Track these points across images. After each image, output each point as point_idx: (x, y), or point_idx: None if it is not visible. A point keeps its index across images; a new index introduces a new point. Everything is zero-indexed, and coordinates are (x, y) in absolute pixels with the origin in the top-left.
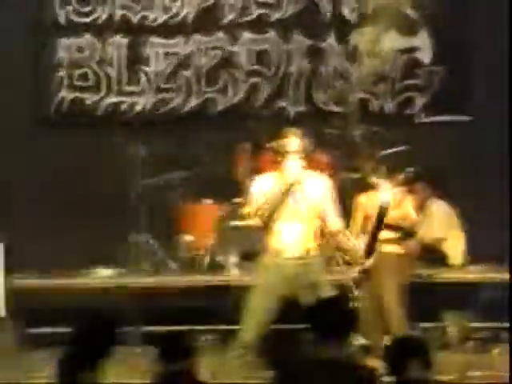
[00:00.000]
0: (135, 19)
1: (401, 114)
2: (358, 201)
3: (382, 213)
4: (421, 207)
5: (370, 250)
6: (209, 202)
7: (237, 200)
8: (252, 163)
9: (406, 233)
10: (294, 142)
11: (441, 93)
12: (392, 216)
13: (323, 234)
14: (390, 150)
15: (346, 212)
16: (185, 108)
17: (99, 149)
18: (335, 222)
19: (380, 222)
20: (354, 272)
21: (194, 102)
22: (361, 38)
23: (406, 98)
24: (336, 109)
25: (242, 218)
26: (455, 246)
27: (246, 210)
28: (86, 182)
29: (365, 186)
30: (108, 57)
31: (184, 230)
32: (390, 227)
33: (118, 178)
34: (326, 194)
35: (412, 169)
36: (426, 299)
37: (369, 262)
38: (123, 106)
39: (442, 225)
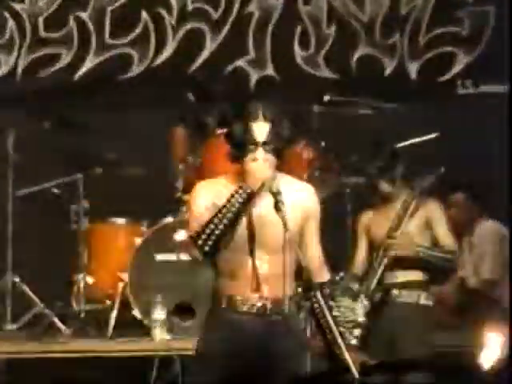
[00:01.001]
0: None
1: (430, 81)
2: (362, 221)
3: None
4: (462, 231)
5: None
6: (121, 221)
7: (168, 219)
8: (192, 159)
9: (437, 271)
10: (260, 126)
11: (493, 49)
12: (413, 242)
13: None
14: (414, 140)
15: (344, 235)
16: (79, 72)
17: None
18: (314, 257)
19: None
20: (355, 335)
21: (93, 62)
22: None
23: (440, 57)
24: (328, 73)
25: (176, 247)
26: None
27: (182, 235)
28: None
29: (371, 197)
30: None
31: (81, 268)
32: (410, 261)
33: None
34: (311, 214)
35: (442, 168)
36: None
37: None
38: None
39: (496, 261)
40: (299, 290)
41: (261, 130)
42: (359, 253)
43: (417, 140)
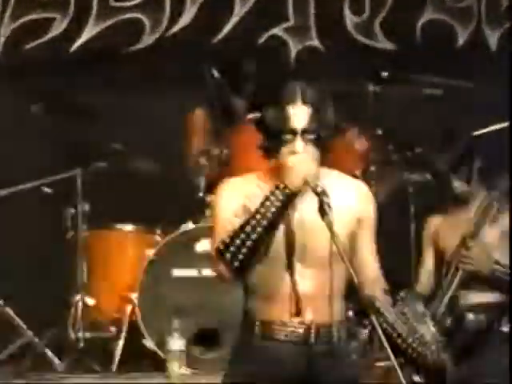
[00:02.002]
0: None
1: (500, 48)
2: (428, 227)
3: None
4: None
5: None
6: (129, 227)
7: (187, 226)
8: (217, 151)
9: None
10: (301, 112)
11: None
12: (490, 256)
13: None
14: (493, 127)
15: (407, 245)
16: (76, 43)
17: None
18: (372, 270)
19: None
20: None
21: (94, 31)
22: None
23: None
24: (386, 43)
25: (198, 260)
26: None
27: (205, 245)
28: None
29: (440, 198)
30: None
31: (81, 287)
32: (488, 279)
33: None
34: (364, 216)
35: None
36: None
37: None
38: None
39: None
40: (350, 313)
41: (301, 115)
42: (425, 266)
43: (496, 127)
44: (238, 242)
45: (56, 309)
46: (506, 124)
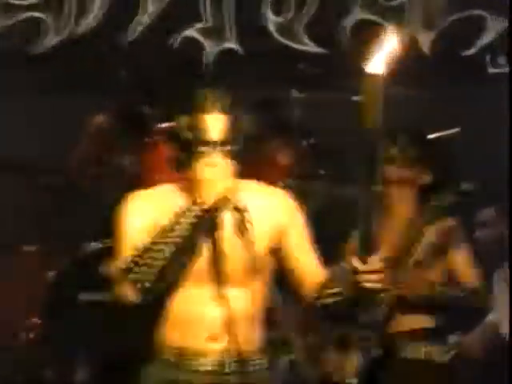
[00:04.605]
0: None
1: (451, 55)
2: (353, 239)
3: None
4: (494, 262)
5: (364, 243)
6: (29, 248)
7: (93, 244)
8: (122, 163)
9: (457, 316)
10: (217, 121)
11: None
12: (428, 280)
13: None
14: (433, 135)
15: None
16: None
17: None
18: (314, 274)
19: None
20: None
21: None
22: None
23: (462, 24)
24: (311, 45)
25: (102, 283)
26: None
27: (113, 265)
28: None
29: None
30: None
31: None
32: (420, 302)
33: None
34: (289, 224)
35: (468, 185)
36: None
37: (373, 263)
38: None
39: None
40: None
41: (217, 125)
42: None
43: (435, 136)
44: (148, 261)
45: None
46: (456, 129)
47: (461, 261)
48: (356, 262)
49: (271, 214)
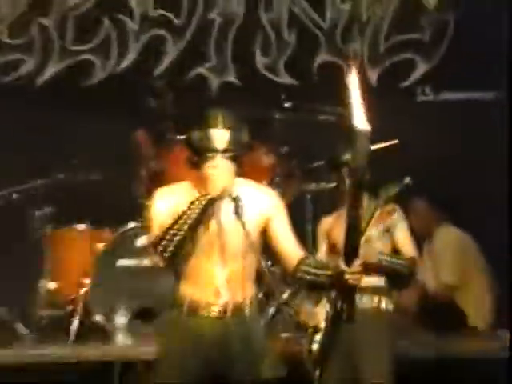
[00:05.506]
0: None
1: (391, 87)
2: (322, 224)
3: (359, 164)
4: (422, 237)
5: (350, 253)
6: (82, 227)
7: (129, 225)
8: (152, 165)
9: (398, 277)
10: (220, 133)
11: (454, 56)
12: (376, 251)
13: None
14: (376, 146)
15: (304, 243)
16: (42, 76)
17: None
18: (293, 253)
19: (358, 191)
20: (317, 340)
21: (54, 69)
22: None
23: (400, 63)
24: (288, 79)
25: (138, 253)
26: (476, 299)
27: (143, 240)
28: None
29: (331, 204)
30: None
31: (43, 273)
32: (373, 269)
33: None
34: (273, 213)
35: (408, 179)
36: (430, 382)
37: (353, 274)
38: None
39: (456, 265)
40: (260, 295)
41: (220, 137)
42: (319, 256)
43: (377, 147)
44: (168, 237)
45: (25, 292)
46: (395, 141)
47: (401, 236)
48: (343, 265)
49: (260, 204)
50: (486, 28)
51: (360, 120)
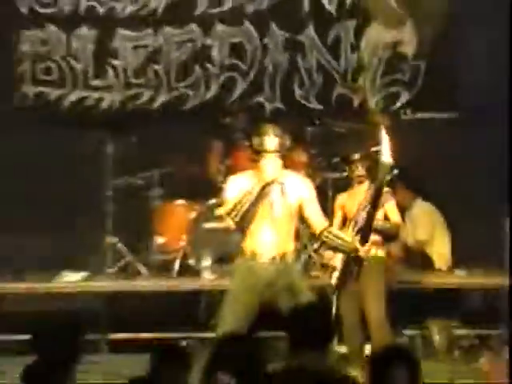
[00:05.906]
0: (102, 10)
1: (384, 110)
2: (338, 200)
3: (381, 182)
4: (403, 209)
5: (365, 236)
6: (181, 202)
7: (212, 201)
8: (227, 162)
9: (389, 236)
10: (271, 139)
11: (426, 88)
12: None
13: (300, 236)
14: (376, 148)
15: (327, 214)
16: (155, 104)
17: (64, 147)
18: (320, 222)
19: (377, 197)
20: (334, 277)
21: (164, 98)
22: (344, 31)
23: (390, 94)
24: (316, 105)
25: (217, 219)
26: (440, 249)
27: (220, 211)
28: (48, 181)
29: (345, 186)
30: (74, 50)
31: (155, 232)
32: (373, 230)
33: (85, 177)
34: (306, 193)
35: (396, 170)
36: (410, 306)
37: (364, 251)
38: (89, 102)
39: (426, 227)
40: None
41: (272, 142)
42: (335, 223)
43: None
44: (237, 208)
45: (144, 244)
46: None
47: (390, 208)
48: (358, 244)
49: (298, 188)
50: (449, 68)
51: (386, 155)
